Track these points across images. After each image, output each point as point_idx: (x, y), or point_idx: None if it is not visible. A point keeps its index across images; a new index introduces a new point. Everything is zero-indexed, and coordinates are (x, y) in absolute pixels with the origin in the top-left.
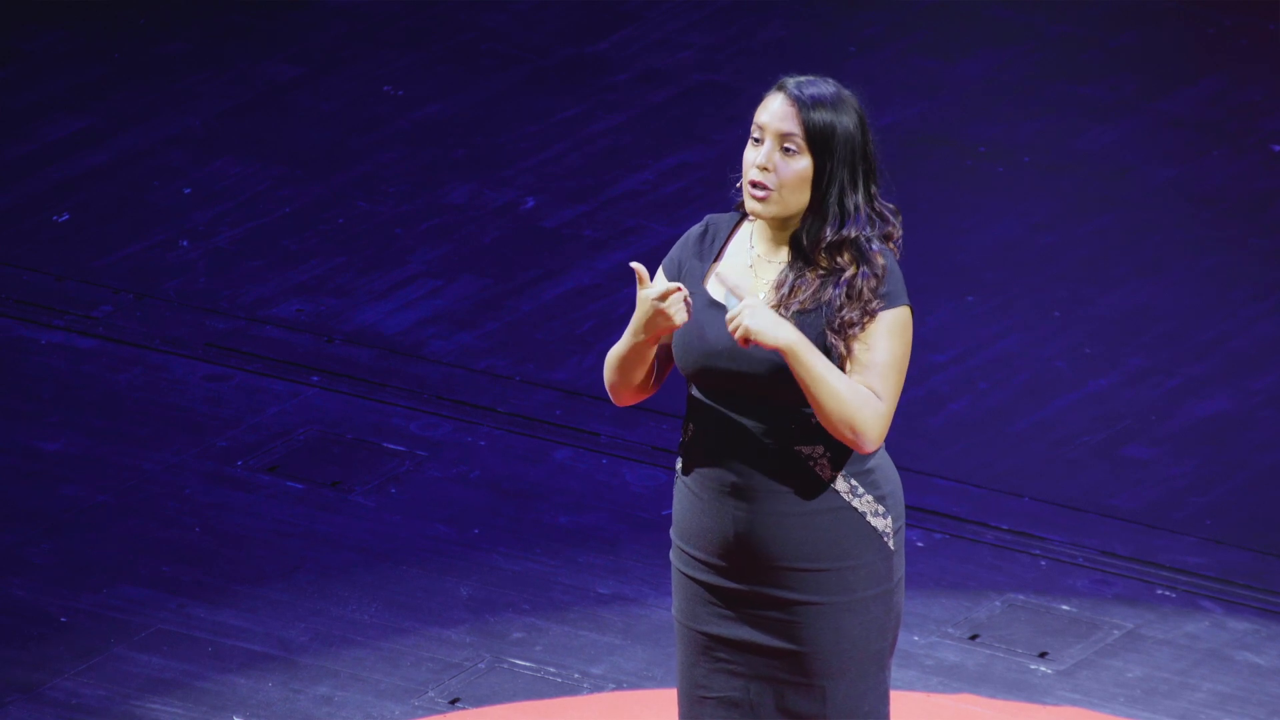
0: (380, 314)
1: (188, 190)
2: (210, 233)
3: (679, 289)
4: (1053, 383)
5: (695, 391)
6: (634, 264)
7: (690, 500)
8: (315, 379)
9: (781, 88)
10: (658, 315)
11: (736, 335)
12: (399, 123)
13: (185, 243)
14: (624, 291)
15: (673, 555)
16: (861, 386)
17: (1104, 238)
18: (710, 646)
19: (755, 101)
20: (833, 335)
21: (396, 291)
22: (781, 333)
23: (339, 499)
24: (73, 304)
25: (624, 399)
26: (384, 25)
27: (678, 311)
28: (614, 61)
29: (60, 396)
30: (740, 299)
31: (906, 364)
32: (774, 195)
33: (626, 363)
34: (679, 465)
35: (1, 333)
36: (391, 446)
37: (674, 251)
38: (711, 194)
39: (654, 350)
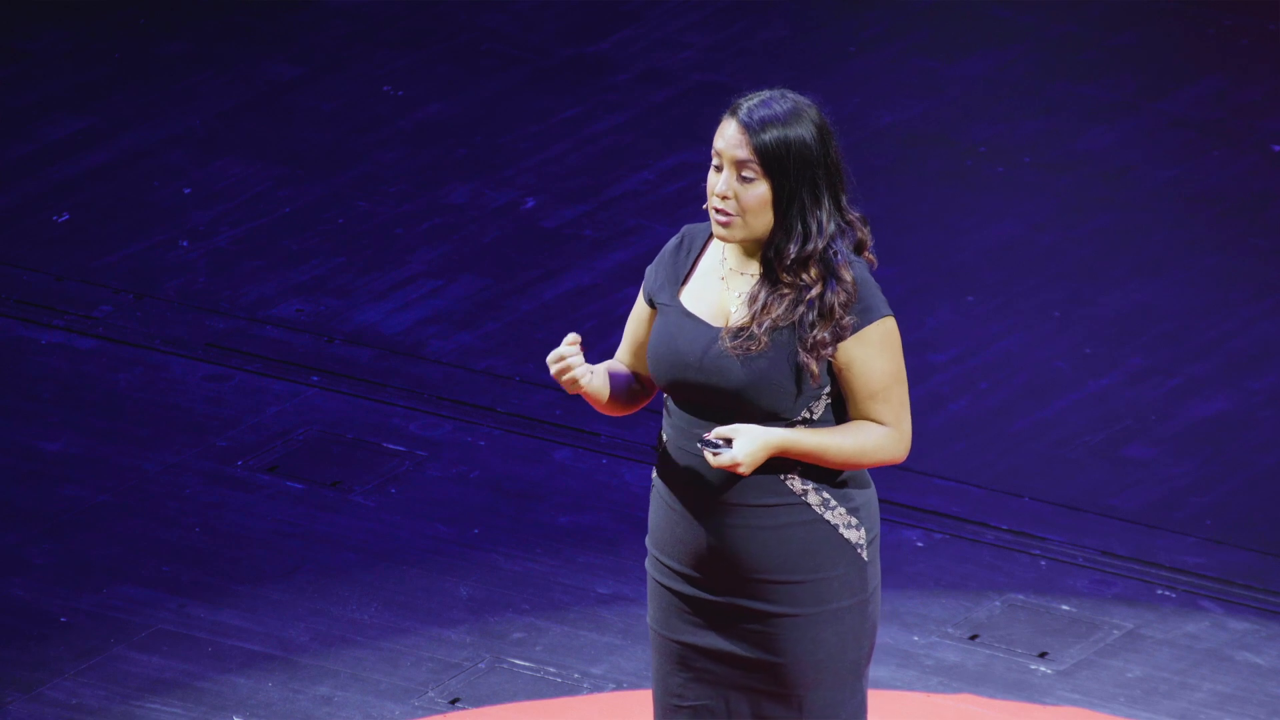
0: (380, 314)
1: (188, 190)
2: (210, 233)
3: (562, 360)
4: (1053, 383)
5: (670, 402)
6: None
7: (665, 510)
8: (315, 379)
9: (734, 112)
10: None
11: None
12: (399, 123)
13: (185, 243)
14: (624, 291)
15: (648, 564)
16: (867, 425)
17: (1104, 238)
18: (686, 656)
19: None
20: (805, 354)
21: (396, 291)
22: (768, 451)
23: (339, 499)
24: (73, 304)
25: (618, 414)
26: (384, 25)
27: (567, 381)
28: (615, 61)
29: (60, 396)
30: (721, 441)
31: (904, 368)
32: (737, 221)
33: (591, 402)
34: (654, 474)
35: (1, 333)
36: (391, 446)
37: (654, 263)
38: None
39: (604, 392)
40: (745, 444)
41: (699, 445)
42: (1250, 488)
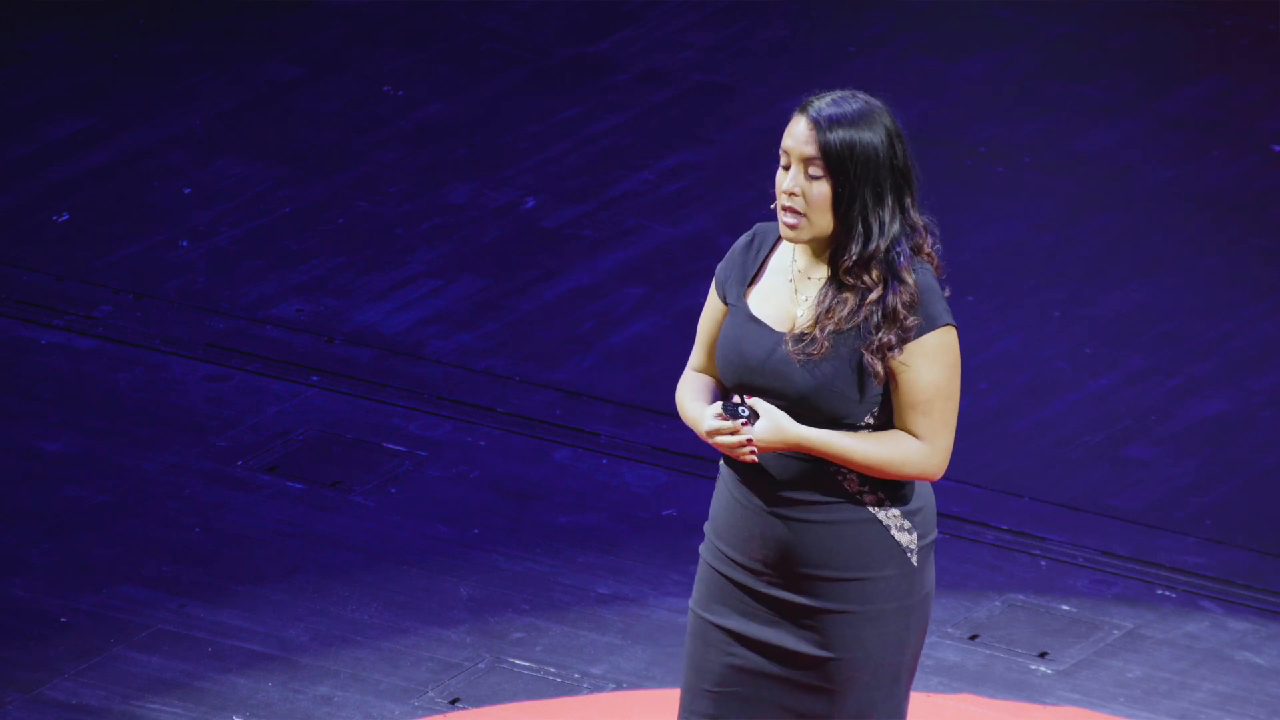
0: (380, 314)
1: (188, 190)
2: (210, 233)
3: (727, 425)
4: (1053, 383)
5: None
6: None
7: (728, 499)
8: (315, 379)
9: (804, 109)
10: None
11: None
12: (399, 123)
13: (185, 243)
14: (624, 291)
15: (703, 549)
16: (901, 437)
17: (1104, 238)
18: (724, 641)
19: (756, 101)
20: (870, 355)
21: (396, 291)
22: (786, 442)
23: (339, 499)
24: (73, 304)
25: None
26: (384, 25)
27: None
28: (615, 61)
29: (60, 396)
30: (747, 413)
31: (957, 383)
32: (804, 221)
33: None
34: (721, 463)
35: (1, 333)
36: (391, 446)
37: (724, 261)
38: (712, 194)
39: None
40: (764, 427)
41: (722, 407)
42: (1250, 488)
